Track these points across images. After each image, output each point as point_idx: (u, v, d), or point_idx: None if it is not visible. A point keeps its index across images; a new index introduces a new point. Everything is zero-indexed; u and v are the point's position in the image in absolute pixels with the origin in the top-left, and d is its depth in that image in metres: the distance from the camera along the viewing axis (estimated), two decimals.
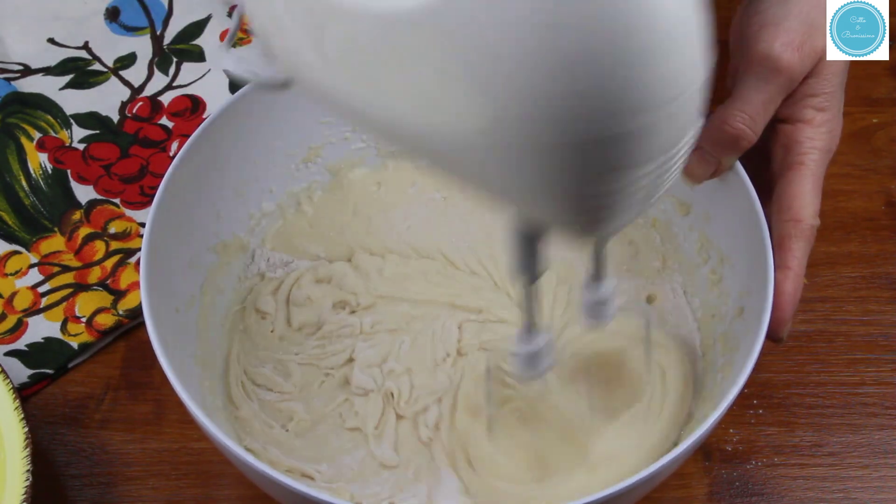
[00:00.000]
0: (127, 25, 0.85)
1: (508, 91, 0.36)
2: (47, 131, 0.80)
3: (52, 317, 0.73)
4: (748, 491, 0.66)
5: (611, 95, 0.36)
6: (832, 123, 0.62)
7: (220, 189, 0.69)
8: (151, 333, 0.57)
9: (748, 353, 0.57)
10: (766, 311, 0.58)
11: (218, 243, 0.69)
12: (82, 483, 0.67)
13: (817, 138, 0.61)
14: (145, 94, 0.82)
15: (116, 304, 0.73)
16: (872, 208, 0.77)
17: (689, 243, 0.69)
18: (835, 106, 0.62)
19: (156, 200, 0.62)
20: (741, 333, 0.61)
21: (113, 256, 0.75)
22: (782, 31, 0.60)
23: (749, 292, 0.62)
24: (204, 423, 0.54)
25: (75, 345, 0.72)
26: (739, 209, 0.62)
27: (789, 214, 0.60)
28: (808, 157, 0.61)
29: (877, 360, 0.71)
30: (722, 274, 0.66)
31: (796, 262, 0.59)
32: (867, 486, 0.66)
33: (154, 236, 0.61)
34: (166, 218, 0.63)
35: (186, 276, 0.66)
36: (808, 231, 0.60)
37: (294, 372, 0.68)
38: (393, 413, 0.66)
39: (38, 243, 0.75)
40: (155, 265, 0.60)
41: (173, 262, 0.64)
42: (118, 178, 0.78)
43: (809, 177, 0.60)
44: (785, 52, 0.59)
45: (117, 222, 0.76)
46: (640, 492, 0.56)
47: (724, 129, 0.60)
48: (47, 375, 0.71)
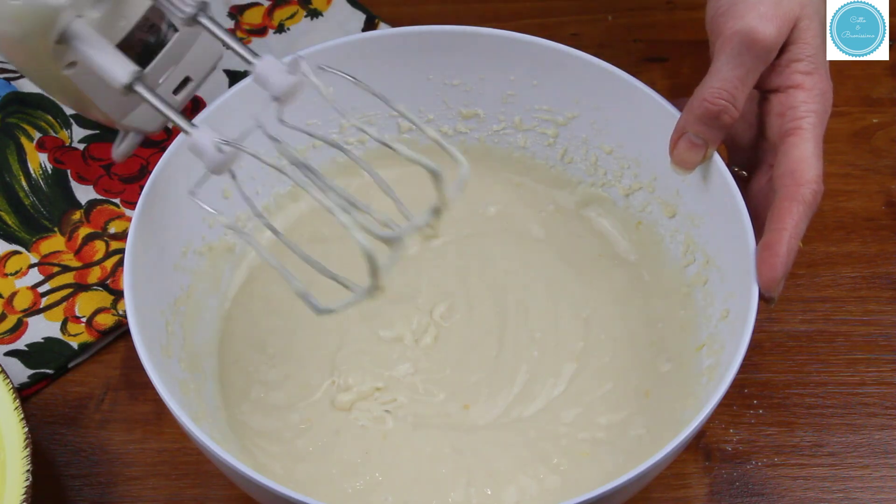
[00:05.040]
0: None
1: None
2: (47, 131, 0.80)
3: (52, 317, 0.73)
4: (748, 491, 0.66)
5: None
6: (823, 85, 0.61)
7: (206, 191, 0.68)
8: (136, 337, 0.58)
9: (734, 354, 0.58)
10: (751, 313, 0.58)
11: (203, 245, 0.69)
12: (82, 483, 0.67)
13: (811, 101, 0.61)
14: None
15: (116, 305, 0.73)
16: (872, 208, 0.77)
17: (675, 245, 0.69)
18: (821, 68, 0.61)
19: (140, 202, 0.63)
20: (727, 335, 0.62)
21: (113, 256, 0.75)
22: (753, 4, 0.60)
23: (734, 294, 0.62)
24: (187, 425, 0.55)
25: (75, 345, 0.71)
26: (725, 212, 0.63)
27: (792, 179, 0.59)
28: (806, 121, 0.60)
29: (877, 360, 0.71)
30: (707, 276, 0.66)
31: (792, 224, 0.59)
32: (867, 487, 0.66)
33: (138, 239, 0.61)
34: (150, 220, 0.63)
35: (172, 278, 0.66)
36: (810, 196, 0.59)
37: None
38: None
39: (38, 243, 0.75)
40: (139, 268, 0.61)
41: (158, 266, 0.65)
42: (118, 178, 0.78)
43: (810, 140, 0.60)
44: (759, 23, 0.59)
45: (117, 222, 0.76)
46: (627, 493, 0.57)
47: (704, 105, 0.61)
48: (47, 375, 0.71)
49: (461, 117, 0.73)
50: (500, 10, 0.87)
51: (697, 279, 0.67)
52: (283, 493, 0.54)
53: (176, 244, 0.67)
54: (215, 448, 0.55)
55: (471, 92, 0.72)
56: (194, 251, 0.68)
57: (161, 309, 0.64)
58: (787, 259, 0.59)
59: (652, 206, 0.70)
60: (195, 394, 0.64)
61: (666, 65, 0.84)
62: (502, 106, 0.72)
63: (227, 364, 0.68)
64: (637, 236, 0.72)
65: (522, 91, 0.71)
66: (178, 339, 0.65)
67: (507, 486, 0.64)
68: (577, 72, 0.69)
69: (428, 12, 0.85)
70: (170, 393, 0.57)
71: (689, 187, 0.66)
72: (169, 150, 0.65)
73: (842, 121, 0.77)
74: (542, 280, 0.71)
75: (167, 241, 0.66)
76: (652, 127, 0.67)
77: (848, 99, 0.63)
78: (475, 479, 0.64)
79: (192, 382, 0.64)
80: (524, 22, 0.85)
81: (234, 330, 0.69)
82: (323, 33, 0.84)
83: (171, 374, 0.62)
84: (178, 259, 0.67)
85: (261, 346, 0.69)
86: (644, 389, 0.66)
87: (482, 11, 0.87)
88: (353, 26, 0.84)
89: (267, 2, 0.86)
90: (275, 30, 0.85)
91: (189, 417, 0.56)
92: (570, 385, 0.67)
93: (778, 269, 0.58)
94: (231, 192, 0.70)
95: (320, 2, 0.86)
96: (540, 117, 0.72)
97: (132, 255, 0.61)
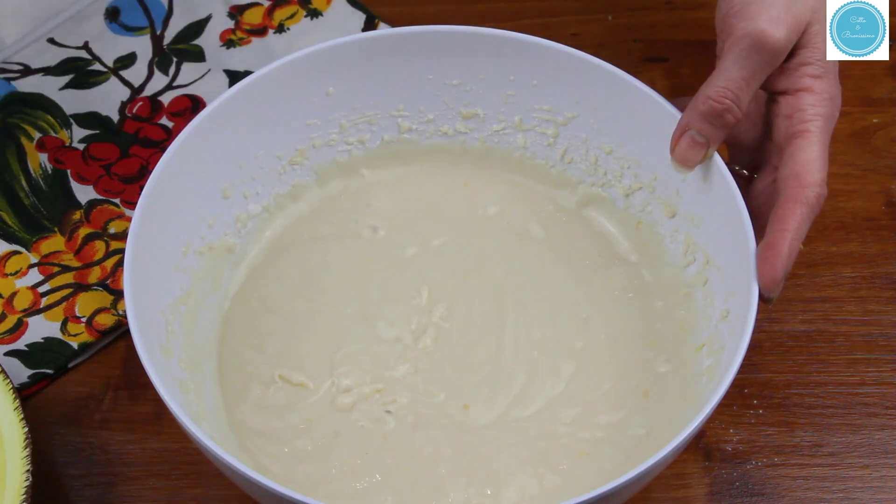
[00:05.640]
0: (127, 25, 0.85)
1: None
2: (47, 131, 0.80)
3: (52, 317, 0.73)
4: (748, 491, 0.66)
5: None
6: (832, 90, 0.62)
7: (206, 191, 0.69)
8: (135, 337, 0.58)
9: (734, 355, 0.58)
10: (751, 313, 0.58)
11: (204, 245, 0.69)
12: (82, 483, 0.67)
13: (819, 105, 0.61)
14: (145, 94, 0.82)
15: (116, 305, 0.73)
16: (872, 208, 0.77)
17: (675, 245, 0.69)
18: (831, 72, 0.62)
19: (140, 202, 0.62)
20: (727, 335, 0.62)
21: (113, 256, 0.75)
22: (765, 6, 0.60)
23: (734, 294, 0.62)
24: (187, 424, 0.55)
25: (75, 345, 0.71)
26: (725, 212, 0.63)
27: (797, 181, 0.59)
28: (813, 125, 0.60)
29: (877, 360, 0.71)
30: (707, 276, 0.66)
31: (795, 226, 0.59)
32: (867, 487, 0.67)
33: (139, 239, 0.61)
34: (151, 220, 0.63)
35: (172, 279, 0.66)
36: (813, 199, 0.59)
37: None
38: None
39: (39, 243, 0.75)
40: (139, 268, 0.61)
41: (158, 265, 0.65)
42: (118, 178, 0.78)
43: (816, 143, 0.60)
44: (770, 26, 0.59)
45: (117, 222, 0.76)
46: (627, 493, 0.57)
47: (709, 104, 0.61)
48: (47, 375, 0.71)
49: (461, 117, 0.73)
50: (500, 10, 0.87)
51: (697, 279, 0.67)
52: (282, 493, 0.54)
53: (176, 244, 0.67)
54: (215, 448, 0.55)
55: (471, 92, 0.72)
56: (195, 251, 0.68)
57: (161, 309, 0.64)
58: (788, 260, 0.59)
59: (652, 205, 0.70)
60: (195, 394, 0.64)
61: (666, 65, 0.84)
62: (502, 106, 0.72)
63: (226, 364, 0.68)
64: (637, 236, 0.72)
65: (522, 91, 0.71)
66: (179, 339, 0.65)
67: (507, 486, 0.64)
68: (577, 72, 0.69)
69: (428, 12, 0.85)
70: (170, 393, 0.57)
71: (690, 187, 0.66)
72: (169, 151, 0.65)
73: (842, 121, 0.76)
74: (542, 280, 0.71)
75: (167, 241, 0.66)
76: (652, 127, 0.67)
77: (848, 99, 0.63)
78: (475, 479, 0.64)
79: (191, 382, 0.64)
80: (524, 22, 0.85)
81: (233, 330, 0.69)
82: (323, 33, 0.84)
83: (172, 375, 0.62)
84: (179, 259, 0.67)
85: (260, 346, 0.69)
86: (644, 389, 0.66)
87: (482, 11, 0.87)
88: (353, 26, 0.84)
89: (267, 2, 0.86)
90: (275, 30, 0.85)
91: (189, 417, 0.56)
92: (570, 385, 0.67)
93: (779, 269, 0.58)
94: (231, 193, 0.70)
95: (320, 2, 0.86)
96: (540, 117, 0.72)
97: (132, 255, 0.61)
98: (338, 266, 0.72)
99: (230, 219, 0.71)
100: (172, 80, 0.83)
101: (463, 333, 0.69)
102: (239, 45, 0.84)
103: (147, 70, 0.83)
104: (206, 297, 0.69)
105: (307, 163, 0.73)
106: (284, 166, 0.72)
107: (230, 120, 0.67)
